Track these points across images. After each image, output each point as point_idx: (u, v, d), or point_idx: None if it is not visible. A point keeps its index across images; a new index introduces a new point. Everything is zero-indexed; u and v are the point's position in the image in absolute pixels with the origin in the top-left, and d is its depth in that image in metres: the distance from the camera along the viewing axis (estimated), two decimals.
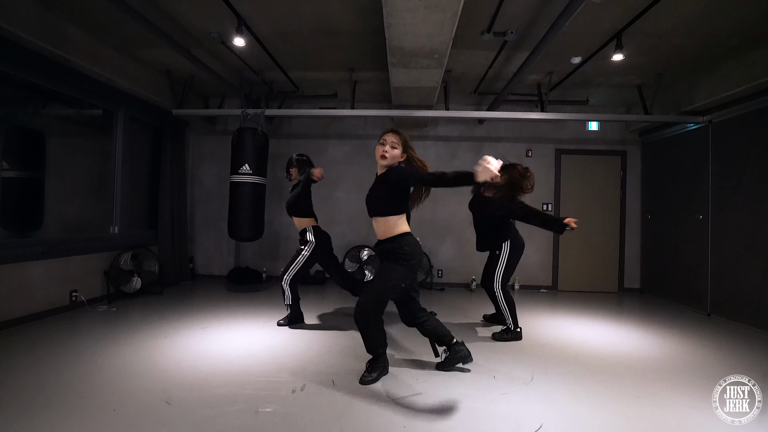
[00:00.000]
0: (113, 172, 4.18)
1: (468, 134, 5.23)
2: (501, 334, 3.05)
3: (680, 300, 4.41)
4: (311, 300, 4.16)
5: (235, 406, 1.90)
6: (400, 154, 2.14)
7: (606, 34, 3.20)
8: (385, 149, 2.13)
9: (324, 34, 3.34)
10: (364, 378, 2.20)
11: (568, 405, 2.00)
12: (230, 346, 2.73)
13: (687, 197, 4.33)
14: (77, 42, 3.33)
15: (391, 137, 2.16)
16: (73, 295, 3.56)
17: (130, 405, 1.89)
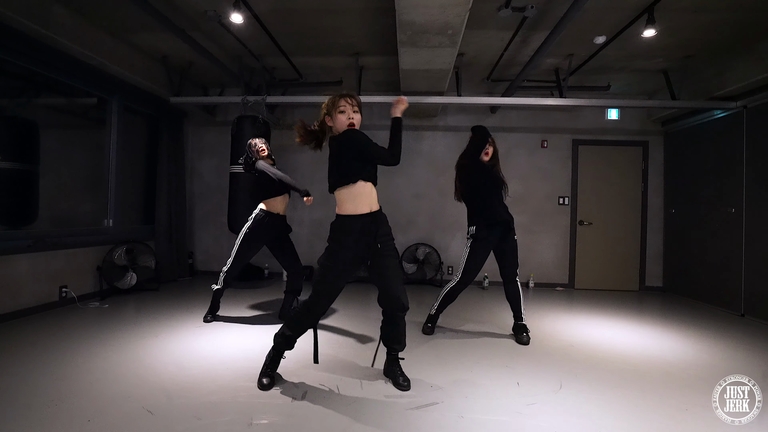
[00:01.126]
0: (107, 162, 3.98)
1: (479, 123, 4.95)
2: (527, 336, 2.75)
3: (708, 299, 4.12)
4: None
5: (225, 417, 1.68)
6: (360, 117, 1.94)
7: (635, 9, 2.93)
8: (350, 116, 1.88)
9: (328, 12, 3.10)
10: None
11: (604, 419, 1.75)
12: (226, 347, 2.51)
13: (716, 190, 4.04)
14: (64, 23, 3.13)
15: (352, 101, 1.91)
16: (63, 291, 3.37)
17: (107, 414, 1.67)
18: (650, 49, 3.56)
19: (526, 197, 4.92)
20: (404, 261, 4.73)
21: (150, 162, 4.62)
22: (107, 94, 3.89)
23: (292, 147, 5.00)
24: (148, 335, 2.69)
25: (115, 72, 3.71)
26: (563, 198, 4.93)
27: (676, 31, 3.22)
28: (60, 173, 4.05)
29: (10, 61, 3.04)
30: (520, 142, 4.96)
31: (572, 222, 4.93)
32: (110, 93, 3.90)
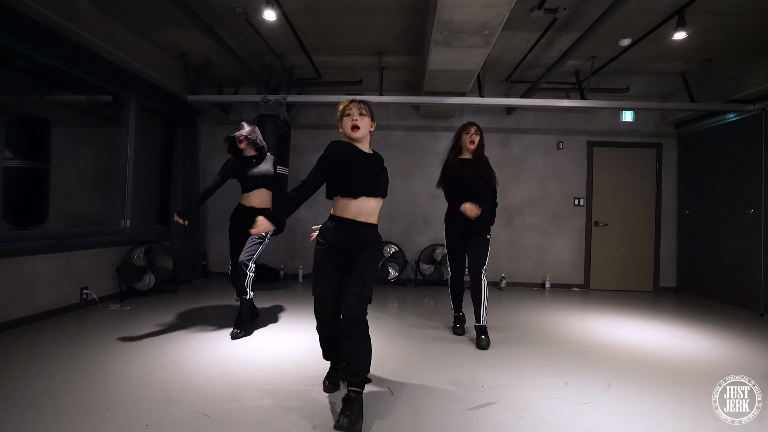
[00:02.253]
0: (124, 162, 3.90)
1: (496, 125, 4.98)
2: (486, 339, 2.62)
3: (724, 299, 4.18)
4: None
5: (286, 421, 1.64)
6: (370, 121, 1.87)
7: (664, 12, 2.96)
8: (355, 119, 1.80)
9: (358, 10, 3.08)
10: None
11: (663, 418, 1.75)
12: (262, 351, 2.47)
13: (733, 191, 4.10)
14: (88, 16, 3.06)
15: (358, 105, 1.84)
16: (84, 293, 3.28)
17: (163, 419, 1.62)
18: (672, 52, 3.61)
19: (542, 198, 4.95)
20: (421, 262, 4.72)
21: (164, 161, 4.54)
22: (125, 92, 3.81)
23: (306, 147, 4.97)
24: (179, 338, 2.63)
25: (134, 69, 3.64)
26: (578, 199, 4.97)
27: (701, 34, 3.27)
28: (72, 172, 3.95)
29: (30, 55, 2.95)
30: (537, 144, 4.99)
31: (587, 223, 4.97)
32: (128, 90, 3.82)
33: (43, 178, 3.53)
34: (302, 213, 5.03)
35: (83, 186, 3.93)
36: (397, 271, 4.69)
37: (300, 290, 4.39)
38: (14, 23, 2.65)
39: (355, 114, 1.83)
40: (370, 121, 1.87)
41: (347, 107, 1.86)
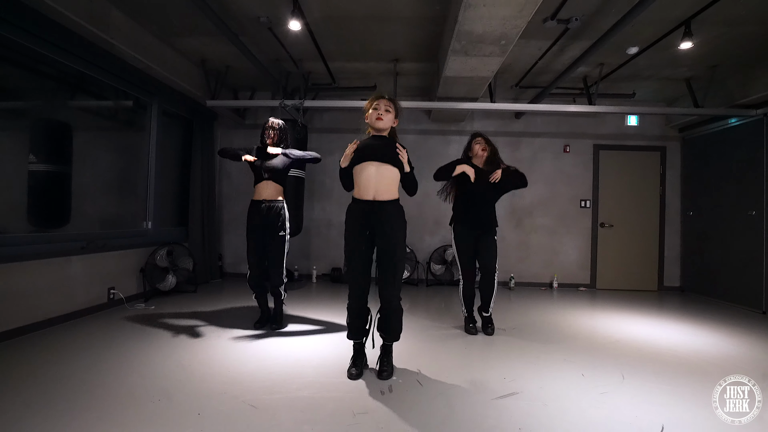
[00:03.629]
0: (146, 165, 4.02)
1: (505, 129, 5.11)
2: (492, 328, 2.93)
3: (727, 298, 4.31)
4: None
5: (328, 410, 1.76)
6: (393, 117, 2.15)
7: (673, 22, 3.09)
8: (380, 112, 2.09)
9: (378, 19, 3.21)
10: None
11: (679, 407, 1.87)
12: (291, 348, 2.58)
13: (735, 193, 4.23)
14: (120, 26, 3.18)
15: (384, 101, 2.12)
16: (111, 293, 3.39)
17: (213, 409, 1.74)
18: (679, 59, 3.74)
19: (550, 200, 5.08)
20: (432, 262, 4.84)
21: (183, 164, 4.66)
22: (148, 97, 3.93)
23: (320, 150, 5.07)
24: (210, 335, 2.74)
25: (157, 75, 3.76)
26: (585, 201, 5.10)
27: (707, 42, 3.40)
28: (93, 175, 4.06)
29: (59, 62, 3.06)
30: (545, 147, 5.11)
31: (593, 224, 5.09)
32: (151, 96, 3.94)
33: (65, 181, 3.65)
34: (316, 213, 5.15)
35: (105, 188, 4.04)
36: (408, 272, 4.81)
37: (315, 291, 4.50)
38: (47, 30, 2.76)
39: (381, 109, 2.09)
40: (393, 117, 2.14)
41: (376, 102, 2.12)
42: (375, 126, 2.10)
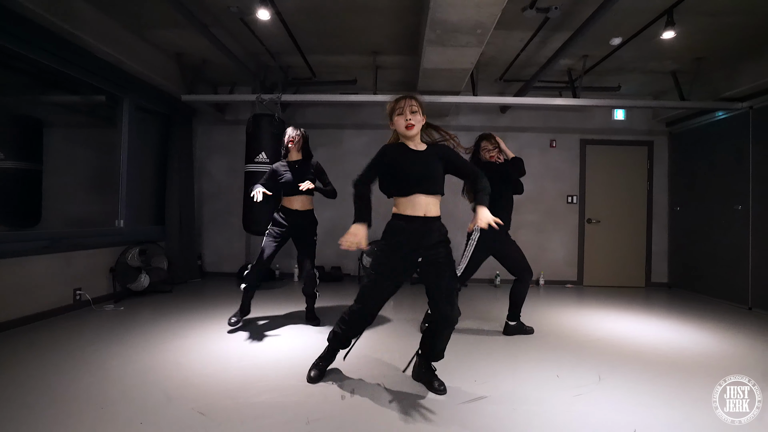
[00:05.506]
0: (119, 162, 3.89)
1: (491, 124, 5.02)
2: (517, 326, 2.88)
3: (714, 294, 4.24)
4: (330, 295, 3.91)
5: (283, 416, 1.66)
6: (421, 118, 1.87)
7: (654, 11, 3.01)
8: (408, 118, 1.83)
9: (354, 10, 3.10)
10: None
11: (652, 407, 1.79)
12: (259, 348, 2.48)
13: (722, 188, 4.17)
14: (86, 17, 3.06)
15: (410, 102, 1.84)
16: (78, 294, 3.27)
17: (158, 416, 1.64)
18: (664, 51, 3.66)
19: (537, 196, 4.99)
20: None
21: (159, 161, 4.53)
22: (120, 92, 3.80)
23: None
24: (175, 337, 2.64)
25: (130, 69, 3.64)
26: (572, 197, 5.02)
27: (692, 34, 3.32)
28: (67, 173, 3.93)
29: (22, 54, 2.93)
30: (531, 142, 5.03)
31: (581, 220, 5.02)
32: (124, 90, 3.81)
33: (36, 179, 3.53)
34: None
35: (78, 186, 3.92)
36: None
37: (296, 289, 4.40)
38: (7, 22, 2.64)
39: (407, 113, 1.83)
40: (421, 116, 1.87)
41: (397, 105, 1.87)
42: (407, 134, 1.85)
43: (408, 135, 1.85)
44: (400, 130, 1.86)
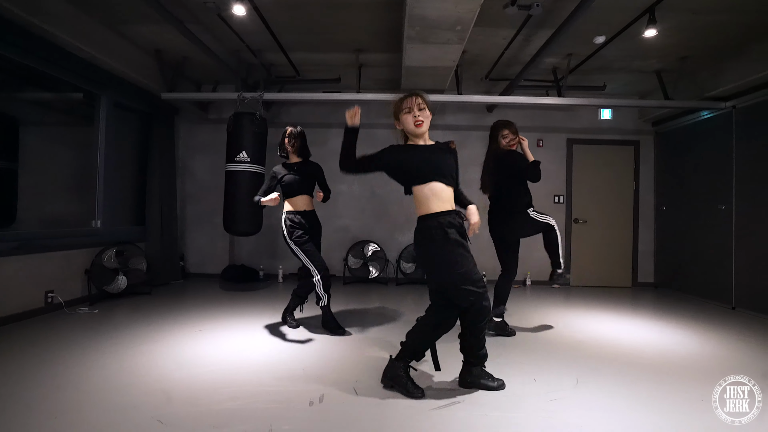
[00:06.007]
0: (95, 160, 3.79)
1: (477, 123, 4.98)
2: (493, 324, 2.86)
3: (700, 293, 4.24)
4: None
5: (244, 425, 1.59)
6: (429, 114, 1.86)
7: (637, 9, 2.98)
8: (416, 115, 1.82)
9: (334, 6, 3.04)
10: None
11: (628, 411, 1.75)
12: (232, 352, 2.42)
13: (706, 187, 4.16)
14: (57, 12, 2.96)
15: (417, 100, 1.84)
16: (49, 296, 3.18)
17: (116, 426, 1.57)
18: (648, 50, 3.64)
19: None
20: (402, 261, 4.69)
21: (140, 160, 4.44)
22: (97, 89, 3.71)
23: None
24: (147, 341, 2.56)
25: (106, 65, 3.55)
26: (558, 196, 5.00)
27: (675, 32, 3.30)
28: (43, 172, 3.83)
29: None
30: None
31: (567, 220, 5.00)
32: (100, 88, 3.72)
33: (11, 178, 3.42)
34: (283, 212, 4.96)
35: (55, 186, 3.81)
36: (377, 270, 4.66)
37: (281, 290, 4.33)
38: None
39: (415, 110, 1.82)
40: (429, 113, 1.86)
41: (404, 103, 1.85)
42: (416, 132, 1.84)
43: (418, 133, 1.84)
44: (410, 128, 1.84)
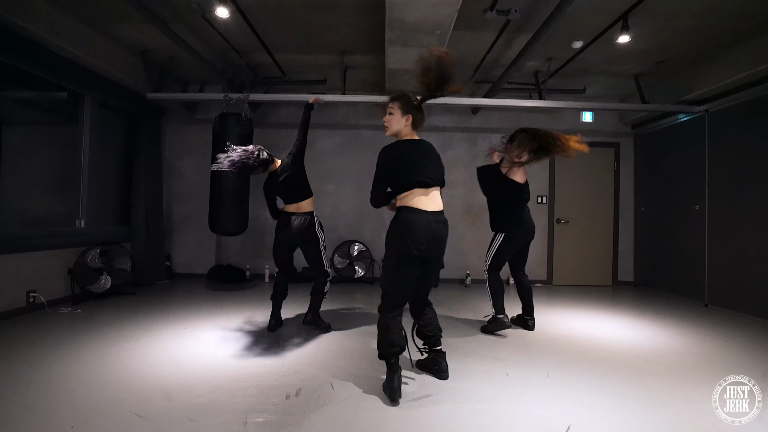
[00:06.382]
0: (80, 160, 3.79)
1: (462, 124, 5.07)
2: (487, 327, 2.92)
3: (676, 292, 4.36)
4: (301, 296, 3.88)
5: (220, 417, 1.64)
6: (399, 117, 1.99)
7: (612, 15, 3.07)
8: (385, 119, 2.04)
9: (316, 9, 3.08)
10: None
11: (592, 404, 1.83)
12: (213, 349, 2.45)
13: (682, 189, 4.29)
14: (38, 10, 2.96)
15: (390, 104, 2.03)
16: (31, 296, 3.17)
17: (93, 421, 1.60)
18: (625, 54, 3.75)
19: None
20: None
21: (126, 160, 4.44)
22: (81, 89, 3.70)
23: (276, 146, 4.92)
24: (129, 339, 2.58)
25: (90, 65, 3.55)
26: (541, 197, 5.10)
27: (649, 38, 3.41)
28: (26, 172, 3.81)
29: None
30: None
31: (550, 220, 5.10)
32: (84, 87, 3.71)
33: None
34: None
35: (39, 185, 3.79)
36: (363, 270, 4.71)
37: (267, 290, 4.35)
38: None
39: (386, 115, 2.02)
40: (400, 116, 1.98)
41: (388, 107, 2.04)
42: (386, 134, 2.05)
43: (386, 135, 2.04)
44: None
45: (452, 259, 5.02)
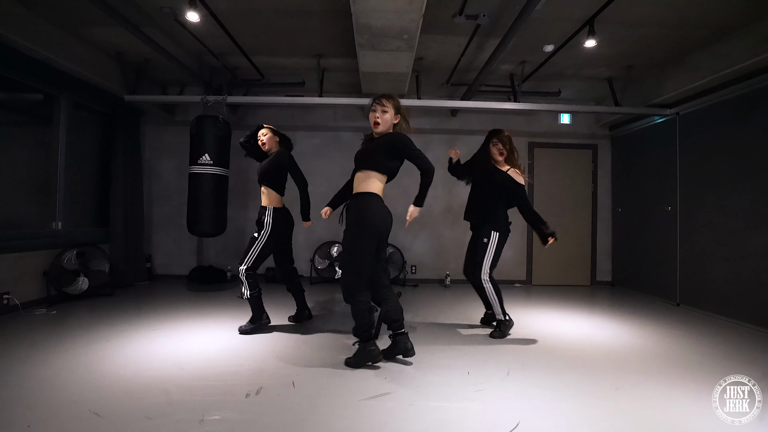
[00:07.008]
0: (56, 161, 3.78)
1: (441, 126, 5.13)
2: (498, 332, 2.86)
3: (650, 291, 4.46)
4: (276, 297, 3.91)
5: (178, 416, 1.67)
6: (392, 117, 2.17)
7: (578, 21, 3.15)
8: (376, 115, 2.14)
9: (289, 13, 3.12)
10: (347, 359, 2.24)
11: (545, 400, 1.88)
12: (183, 349, 2.47)
13: (655, 190, 4.39)
14: (6, 13, 2.96)
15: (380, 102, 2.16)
16: (5, 298, 3.17)
17: (50, 420, 1.62)
18: (595, 59, 3.84)
19: None
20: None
21: (104, 162, 4.43)
22: (55, 90, 3.70)
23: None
24: (99, 340, 2.60)
25: (63, 67, 3.55)
26: None
27: (616, 43, 3.50)
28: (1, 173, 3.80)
29: None
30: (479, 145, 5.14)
31: None
32: (59, 89, 3.71)
33: None
34: (251, 213, 5.01)
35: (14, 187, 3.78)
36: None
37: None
38: None
39: (378, 112, 2.15)
40: (393, 115, 2.17)
41: (372, 106, 2.17)
42: (374, 131, 2.20)
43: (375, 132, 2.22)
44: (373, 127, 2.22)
45: (432, 260, 5.09)
